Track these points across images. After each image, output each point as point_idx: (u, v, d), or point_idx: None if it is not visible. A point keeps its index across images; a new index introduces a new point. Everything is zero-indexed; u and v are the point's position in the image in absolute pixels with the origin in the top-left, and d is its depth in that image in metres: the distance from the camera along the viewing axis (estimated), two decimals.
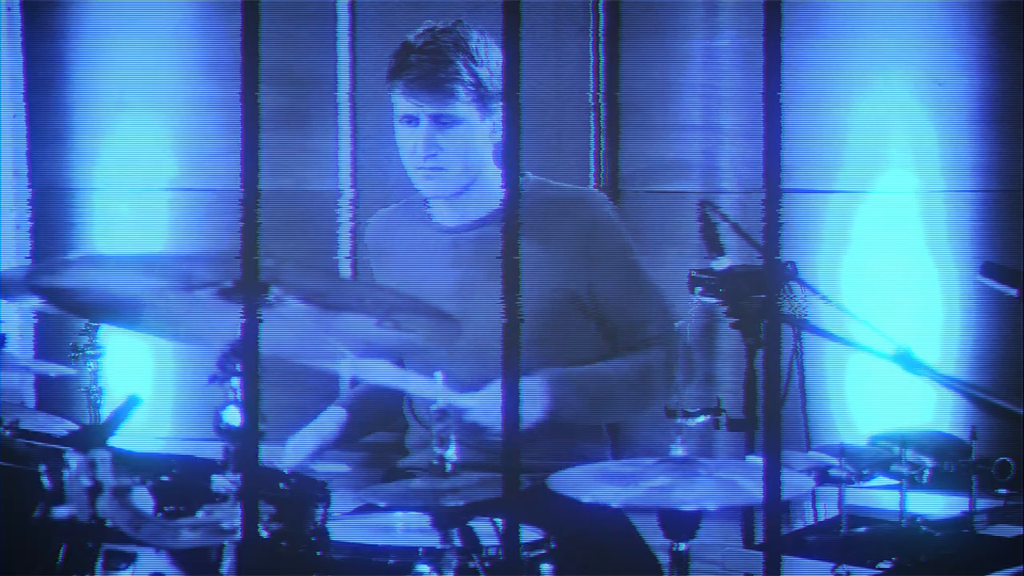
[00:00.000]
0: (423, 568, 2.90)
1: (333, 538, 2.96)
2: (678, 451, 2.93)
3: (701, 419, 3.07)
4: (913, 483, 3.26)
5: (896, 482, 3.25)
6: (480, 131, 3.79)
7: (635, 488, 2.86)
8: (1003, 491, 3.34)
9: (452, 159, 3.78)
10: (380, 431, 4.13)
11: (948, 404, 4.37)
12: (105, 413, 3.48)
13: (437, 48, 3.73)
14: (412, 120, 3.77)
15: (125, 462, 2.58)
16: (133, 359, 4.94)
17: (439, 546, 2.81)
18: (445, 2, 4.70)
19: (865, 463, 3.29)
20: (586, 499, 2.80)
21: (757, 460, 3.18)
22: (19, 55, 5.30)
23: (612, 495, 2.84)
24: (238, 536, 2.58)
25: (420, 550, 2.92)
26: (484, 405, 3.60)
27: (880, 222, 4.70)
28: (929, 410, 4.46)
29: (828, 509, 3.34)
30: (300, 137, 5.10)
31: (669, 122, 4.84)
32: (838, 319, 3.71)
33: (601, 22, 4.84)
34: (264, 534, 2.78)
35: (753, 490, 2.82)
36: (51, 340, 5.16)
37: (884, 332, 3.39)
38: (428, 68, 3.72)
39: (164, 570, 2.86)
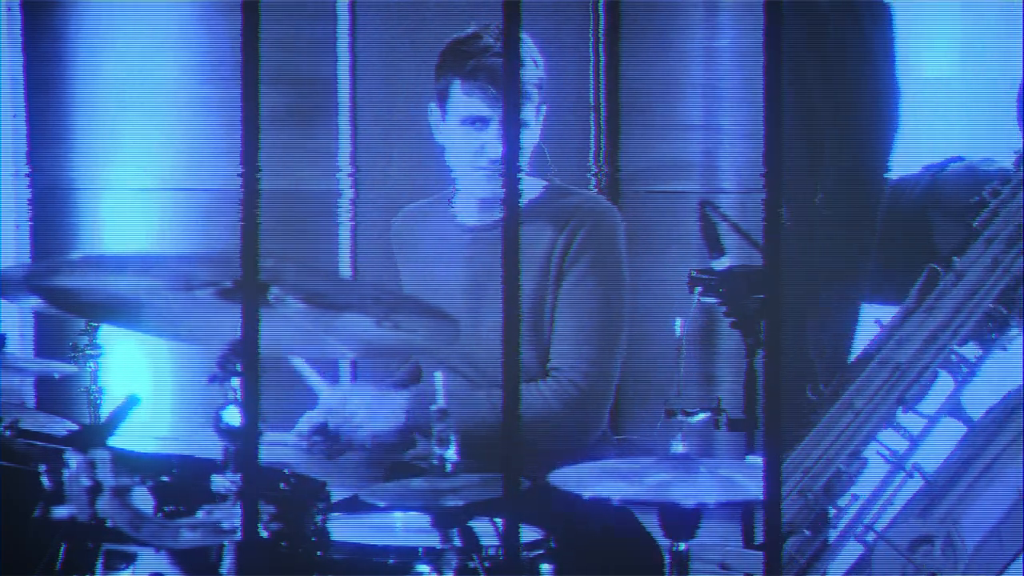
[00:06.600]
0: (423, 568, 2.90)
1: (333, 538, 2.96)
2: (679, 448, 2.93)
3: (701, 416, 3.07)
4: None
5: None
6: (535, 133, 3.76)
7: (637, 484, 2.86)
8: None
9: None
10: None
11: None
12: (105, 413, 3.48)
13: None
14: (483, 122, 3.71)
15: (125, 462, 2.58)
16: (133, 359, 4.94)
17: (439, 546, 2.82)
18: (445, 2, 4.70)
19: None
20: (587, 495, 2.81)
21: (757, 460, 3.18)
22: (19, 55, 5.30)
23: (613, 491, 2.85)
24: (238, 536, 2.58)
25: (420, 550, 2.93)
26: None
27: None
28: None
29: None
30: (300, 137, 5.10)
31: (669, 122, 4.84)
32: None
33: (601, 22, 4.84)
34: (264, 534, 2.78)
35: (752, 488, 2.83)
36: (51, 340, 5.16)
37: None
38: None
39: (164, 570, 2.86)
